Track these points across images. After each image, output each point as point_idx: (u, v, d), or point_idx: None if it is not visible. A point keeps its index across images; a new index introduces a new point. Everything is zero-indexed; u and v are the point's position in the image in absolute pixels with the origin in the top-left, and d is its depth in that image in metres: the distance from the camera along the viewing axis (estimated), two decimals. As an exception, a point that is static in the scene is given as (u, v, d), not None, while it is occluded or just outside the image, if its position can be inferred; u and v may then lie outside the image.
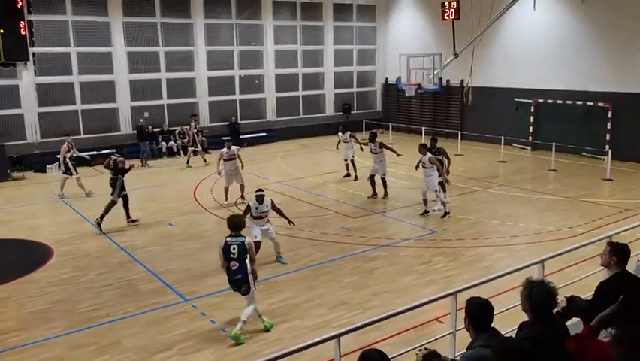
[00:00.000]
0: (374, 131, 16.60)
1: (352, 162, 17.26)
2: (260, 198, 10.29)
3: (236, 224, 7.86)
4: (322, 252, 11.05)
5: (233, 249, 7.70)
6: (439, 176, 13.15)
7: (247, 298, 7.89)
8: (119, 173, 12.97)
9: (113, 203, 12.90)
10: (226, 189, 14.69)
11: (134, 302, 8.89)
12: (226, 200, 14.60)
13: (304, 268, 10.21)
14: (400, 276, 9.75)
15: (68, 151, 16.24)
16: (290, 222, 10.62)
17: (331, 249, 11.21)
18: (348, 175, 17.44)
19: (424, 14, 25.69)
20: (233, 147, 14.87)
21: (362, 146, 16.98)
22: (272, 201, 10.50)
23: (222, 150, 14.89)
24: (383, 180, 15.00)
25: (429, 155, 13.11)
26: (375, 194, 15.09)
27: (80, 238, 12.33)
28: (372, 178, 15.07)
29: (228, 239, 7.77)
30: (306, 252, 11.06)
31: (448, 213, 13.20)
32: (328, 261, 10.54)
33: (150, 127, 21.49)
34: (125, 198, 13.12)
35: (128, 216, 13.23)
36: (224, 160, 14.68)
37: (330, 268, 10.22)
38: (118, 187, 12.91)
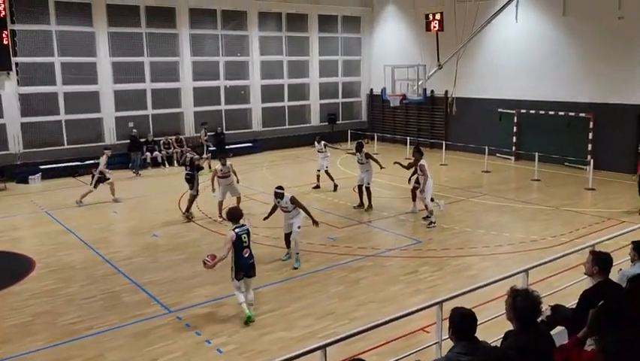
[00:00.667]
0: (360, 141, 16.62)
1: (327, 172, 17.19)
2: (278, 195, 10.82)
3: (237, 215, 8.58)
4: (308, 262, 11.02)
5: (244, 238, 8.39)
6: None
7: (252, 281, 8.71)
8: (194, 170, 14.38)
9: (193, 196, 14.32)
10: (220, 204, 14.08)
11: (117, 314, 8.78)
12: (220, 216, 13.95)
13: (290, 279, 10.18)
14: (386, 286, 9.75)
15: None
16: (314, 222, 10.87)
17: (317, 259, 11.19)
18: (317, 187, 17.36)
19: (408, 26, 25.94)
20: (228, 163, 14.17)
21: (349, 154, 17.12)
22: (292, 198, 10.82)
23: (217, 166, 14.24)
24: (367, 189, 14.98)
25: (422, 161, 13.47)
26: (362, 204, 15.10)
27: (62, 249, 12.16)
28: (359, 188, 15.13)
29: (237, 230, 8.31)
30: (291, 262, 10.99)
31: (434, 222, 13.30)
32: (314, 271, 10.52)
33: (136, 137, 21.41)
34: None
35: (187, 210, 14.28)
36: (219, 177, 14.10)
37: (317, 278, 10.19)
38: (196, 182, 14.36)
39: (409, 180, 14.79)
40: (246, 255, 8.39)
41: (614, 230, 11.21)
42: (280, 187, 10.97)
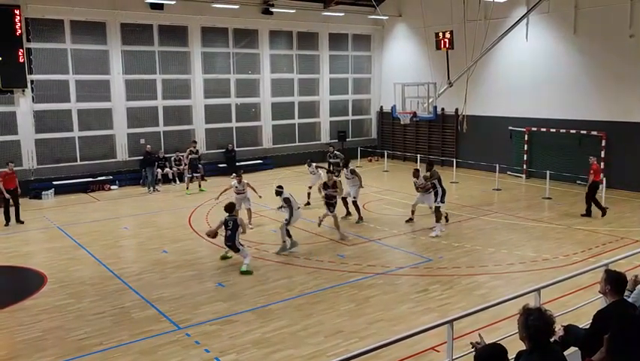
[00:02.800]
0: (347, 158, 17.77)
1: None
2: (277, 192, 13.06)
3: (230, 208, 11.78)
4: (317, 279, 10.97)
5: (230, 223, 11.46)
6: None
7: (242, 254, 11.52)
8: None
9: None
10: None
11: (127, 330, 8.76)
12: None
13: (299, 296, 10.12)
14: (396, 304, 9.67)
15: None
16: (287, 222, 12.63)
17: (327, 276, 11.13)
18: (308, 204, 17.41)
19: (418, 44, 26.06)
20: (245, 181, 15.04)
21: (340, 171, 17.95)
22: (285, 199, 12.81)
23: (232, 182, 15.25)
24: (354, 203, 15.56)
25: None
26: (348, 213, 15.78)
27: (73, 264, 12.21)
28: (344, 200, 15.76)
29: (227, 217, 11.55)
30: (301, 279, 10.99)
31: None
32: (324, 289, 10.46)
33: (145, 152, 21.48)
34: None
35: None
36: (235, 193, 14.94)
37: (326, 296, 10.13)
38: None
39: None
40: (226, 236, 11.47)
41: (628, 249, 11.07)
42: (280, 186, 13.14)
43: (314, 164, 18.01)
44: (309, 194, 17.62)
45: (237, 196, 14.89)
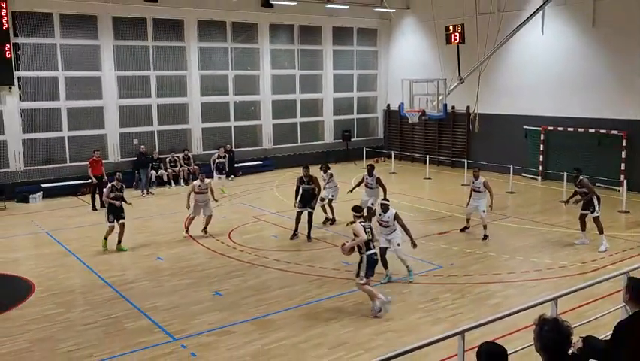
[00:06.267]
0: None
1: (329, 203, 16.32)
2: (384, 207, 11.43)
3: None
4: (321, 288, 10.98)
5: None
6: None
7: None
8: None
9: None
10: (191, 220, 14.97)
11: (119, 342, 8.78)
12: (187, 232, 14.90)
13: (301, 306, 10.13)
14: (404, 314, 9.67)
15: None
16: (413, 243, 11.16)
17: (330, 285, 11.13)
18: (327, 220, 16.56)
19: (427, 38, 26.07)
20: (207, 180, 15.21)
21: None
22: (396, 214, 11.28)
23: (195, 182, 15.25)
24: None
25: (482, 178, 14.57)
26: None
27: (63, 272, 12.25)
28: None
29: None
30: (303, 288, 10.99)
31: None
32: (327, 298, 10.47)
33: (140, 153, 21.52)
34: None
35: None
36: (196, 193, 14.87)
37: (330, 305, 10.14)
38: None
39: (567, 201, 14.67)
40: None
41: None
42: (386, 199, 12.35)
43: (329, 171, 16.38)
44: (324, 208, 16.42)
45: (199, 196, 14.78)
